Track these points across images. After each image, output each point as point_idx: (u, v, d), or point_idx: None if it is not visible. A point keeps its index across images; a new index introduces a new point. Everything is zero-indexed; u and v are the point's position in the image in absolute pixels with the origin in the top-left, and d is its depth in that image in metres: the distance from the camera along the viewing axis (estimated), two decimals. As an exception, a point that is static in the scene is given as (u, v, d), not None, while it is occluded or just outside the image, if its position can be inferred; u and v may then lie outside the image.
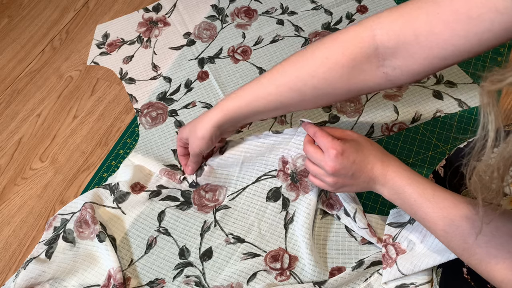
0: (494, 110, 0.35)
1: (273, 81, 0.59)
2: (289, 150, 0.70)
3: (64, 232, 0.71)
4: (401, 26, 0.48)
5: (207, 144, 0.66)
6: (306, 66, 0.56)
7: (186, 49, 0.95)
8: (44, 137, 0.86)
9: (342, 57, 0.52)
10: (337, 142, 0.56)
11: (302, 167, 0.70)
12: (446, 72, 0.84)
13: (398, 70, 0.51)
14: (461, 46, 0.44)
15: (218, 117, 0.63)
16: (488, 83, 0.33)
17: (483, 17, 0.41)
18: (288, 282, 0.64)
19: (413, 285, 0.61)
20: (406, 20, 0.47)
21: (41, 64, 0.97)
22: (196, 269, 0.67)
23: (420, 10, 0.46)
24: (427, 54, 0.47)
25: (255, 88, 0.61)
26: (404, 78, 0.52)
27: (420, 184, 0.54)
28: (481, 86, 0.34)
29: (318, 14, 0.96)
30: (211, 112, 0.64)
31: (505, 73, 0.32)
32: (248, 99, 0.61)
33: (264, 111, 0.61)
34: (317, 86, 0.55)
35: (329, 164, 0.56)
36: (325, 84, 0.55)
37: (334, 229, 0.69)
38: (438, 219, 0.52)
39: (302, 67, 0.56)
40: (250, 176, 0.74)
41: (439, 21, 0.44)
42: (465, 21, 0.42)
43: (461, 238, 0.49)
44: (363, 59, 0.52)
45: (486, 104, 0.35)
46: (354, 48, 0.52)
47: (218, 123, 0.63)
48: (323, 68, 0.54)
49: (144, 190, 0.74)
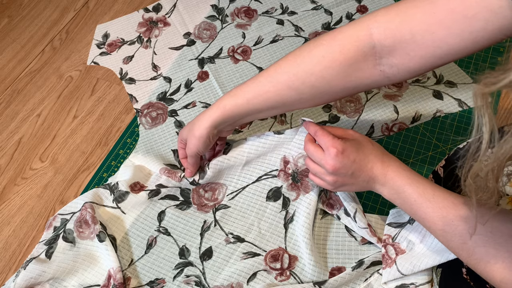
0: (488, 112, 0.35)
1: (271, 79, 0.59)
2: (290, 150, 0.70)
3: (64, 232, 0.71)
4: (397, 24, 0.48)
5: (205, 144, 0.66)
6: (303, 64, 0.56)
7: (186, 49, 0.95)
8: (44, 137, 0.86)
9: (339, 56, 0.53)
10: (338, 141, 0.56)
11: (304, 167, 0.70)
12: (446, 72, 0.84)
13: (395, 68, 0.51)
14: (456, 45, 0.45)
15: (216, 115, 0.63)
16: (481, 86, 0.34)
17: (478, 17, 0.42)
18: (288, 282, 0.64)
19: (413, 285, 0.61)
20: (402, 19, 0.48)
21: (41, 64, 0.97)
22: (196, 268, 0.67)
23: (416, 9, 0.47)
24: (424, 53, 0.48)
25: (254, 86, 0.61)
26: (401, 76, 0.52)
27: (420, 184, 0.54)
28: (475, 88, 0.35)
29: (318, 14, 0.96)
30: (209, 111, 0.64)
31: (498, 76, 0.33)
32: (246, 97, 0.61)
33: (262, 109, 0.61)
34: (314, 84, 0.56)
35: (330, 162, 0.56)
36: (323, 82, 0.55)
37: (334, 229, 0.69)
38: (437, 219, 0.52)
39: (299, 65, 0.56)
40: (250, 176, 0.74)
41: (435, 20, 0.45)
42: (461, 21, 0.43)
43: (460, 238, 0.49)
44: (360, 58, 0.52)
45: (480, 107, 0.35)
46: (351, 46, 0.52)
47: (216, 122, 0.63)
48: (320, 66, 0.54)
49: (143, 189, 0.74)
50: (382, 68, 0.52)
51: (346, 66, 0.53)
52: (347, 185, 0.59)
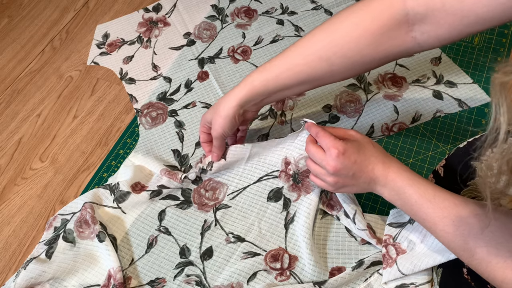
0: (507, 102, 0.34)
1: (302, 51, 0.59)
2: (291, 151, 0.70)
3: (64, 232, 0.71)
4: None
5: (231, 123, 0.65)
6: (335, 33, 0.56)
7: (186, 49, 0.95)
8: (44, 137, 0.86)
9: (371, 24, 0.54)
10: (339, 141, 0.56)
11: (305, 168, 0.70)
12: (446, 72, 0.84)
13: (426, 35, 0.52)
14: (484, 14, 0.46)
15: (243, 93, 0.62)
16: (500, 75, 0.34)
17: None
18: (288, 282, 0.64)
19: (413, 285, 0.61)
20: None
21: (41, 64, 0.97)
22: (196, 268, 0.67)
23: None
24: (452, 21, 0.49)
25: (283, 60, 0.60)
26: (431, 42, 0.53)
27: (421, 185, 0.54)
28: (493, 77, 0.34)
29: (318, 14, 0.96)
30: (236, 89, 0.63)
31: None
32: (275, 72, 0.60)
33: (292, 84, 0.61)
34: (346, 54, 0.56)
35: (331, 163, 0.56)
36: (355, 52, 0.56)
37: (334, 229, 0.69)
38: (438, 219, 0.52)
39: (331, 34, 0.56)
40: (251, 176, 0.74)
41: None
42: None
43: (461, 239, 0.49)
44: (393, 26, 0.53)
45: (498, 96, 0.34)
46: (385, 14, 0.53)
47: (243, 99, 0.63)
48: (355, 34, 0.55)
49: (144, 189, 0.74)
50: (414, 34, 0.53)
51: (379, 35, 0.54)
52: (348, 186, 0.58)
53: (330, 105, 0.83)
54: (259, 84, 0.61)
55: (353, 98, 0.83)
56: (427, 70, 0.85)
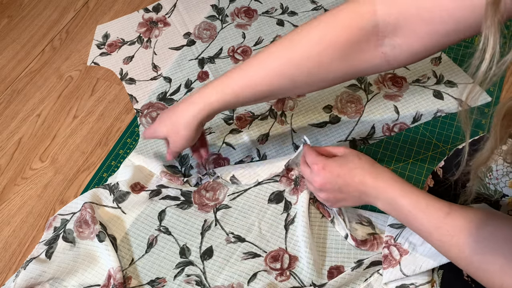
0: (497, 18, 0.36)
1: (262, 67, 0.55)
2: (293, 160, 0.71)
3: (64, 232, 0.71)
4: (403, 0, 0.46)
5: (193, 141, 0.64)
6: (298, 46, 0.52)
7: (186, 49, 0.95)
8: (44, 137, 0.86)
9: (338, 37, 0.49)
10: (320, 157, 0.58)
11: None
12: (446, 72, 0.84)
13: (398, 49, 0.48)
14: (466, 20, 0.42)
15: (202, 114, 0.60)
16: None
17: None
18: (288, 282, 0.64)
19: (413, 286, 0.61)
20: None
21: (41, 64, 0.97)
22: (197, 268, 0.67)
23: None
24: (429, 29, 0.45)
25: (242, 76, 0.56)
26: (403, 58, 0.49)
27: (413, 195, 0.53)
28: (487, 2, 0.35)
29: (318, 14, 0.96)
30: (194, 109, 0.60)
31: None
32: (234, 91, 0.57)
33: (252, 100, 0.59)
34: (311, 70, 0.52)
35: (314, 179, 0.58)
36: (319, 68, 0.52)
37: (334, 229, 0.69)
38: (433, 229, 0.51)
39: (295, 48, 0.52)
40: (253, 179, 0.74)
41: None
42: None
43: (456, 248, 0.49)
44: (362, 38, 0.49)
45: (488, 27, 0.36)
46: (353, 25, 0.49)
47: (203, 119, 0.61)
48: (319, 48, 0.51)
49: (144, 190, 0.74)
50: (384, 49, 0.49)
51: (346, 48, 0.50)
52: (341, 201, 0.59)
53: (331, 106, 0.83)
54: (217, 105, 0.58)
55: (353, 99, 0.83)
56: (427, 70, 0.85)
